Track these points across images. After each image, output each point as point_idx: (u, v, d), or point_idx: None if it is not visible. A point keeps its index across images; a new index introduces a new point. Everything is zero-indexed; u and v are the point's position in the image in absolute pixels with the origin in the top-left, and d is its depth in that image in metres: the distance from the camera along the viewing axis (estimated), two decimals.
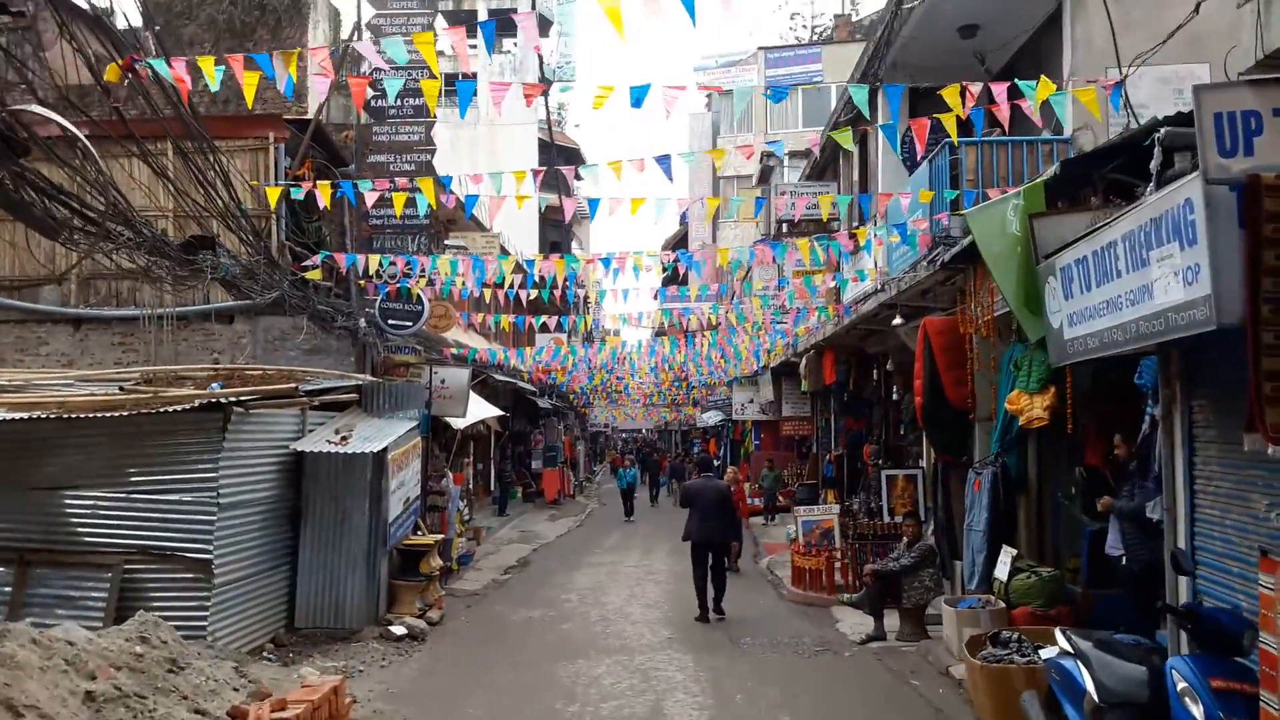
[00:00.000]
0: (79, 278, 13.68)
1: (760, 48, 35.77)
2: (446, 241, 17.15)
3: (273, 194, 9.52)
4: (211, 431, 9.41)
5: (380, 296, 13.38)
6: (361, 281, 13.42)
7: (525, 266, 13.72)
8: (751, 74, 36.06)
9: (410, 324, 13.49)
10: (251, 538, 10.07)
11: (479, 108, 40.14)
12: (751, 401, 28.22)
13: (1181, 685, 4.88)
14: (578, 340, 29.85)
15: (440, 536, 13.44)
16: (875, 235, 11.27)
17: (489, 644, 10.90)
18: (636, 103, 6.24)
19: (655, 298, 31.67)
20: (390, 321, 13.41)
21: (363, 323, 12.83)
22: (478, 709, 8.32)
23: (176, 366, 11.88)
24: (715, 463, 30.40)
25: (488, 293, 15.55)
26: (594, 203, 11.24)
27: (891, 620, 10.61)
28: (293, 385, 10.20)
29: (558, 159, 40.99)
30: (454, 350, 17.07)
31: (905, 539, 10.85)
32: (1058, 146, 10.68)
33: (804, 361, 19.55)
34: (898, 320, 12.01)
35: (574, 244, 44.34)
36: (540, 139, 39.08)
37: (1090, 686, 5.49)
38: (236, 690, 6.99)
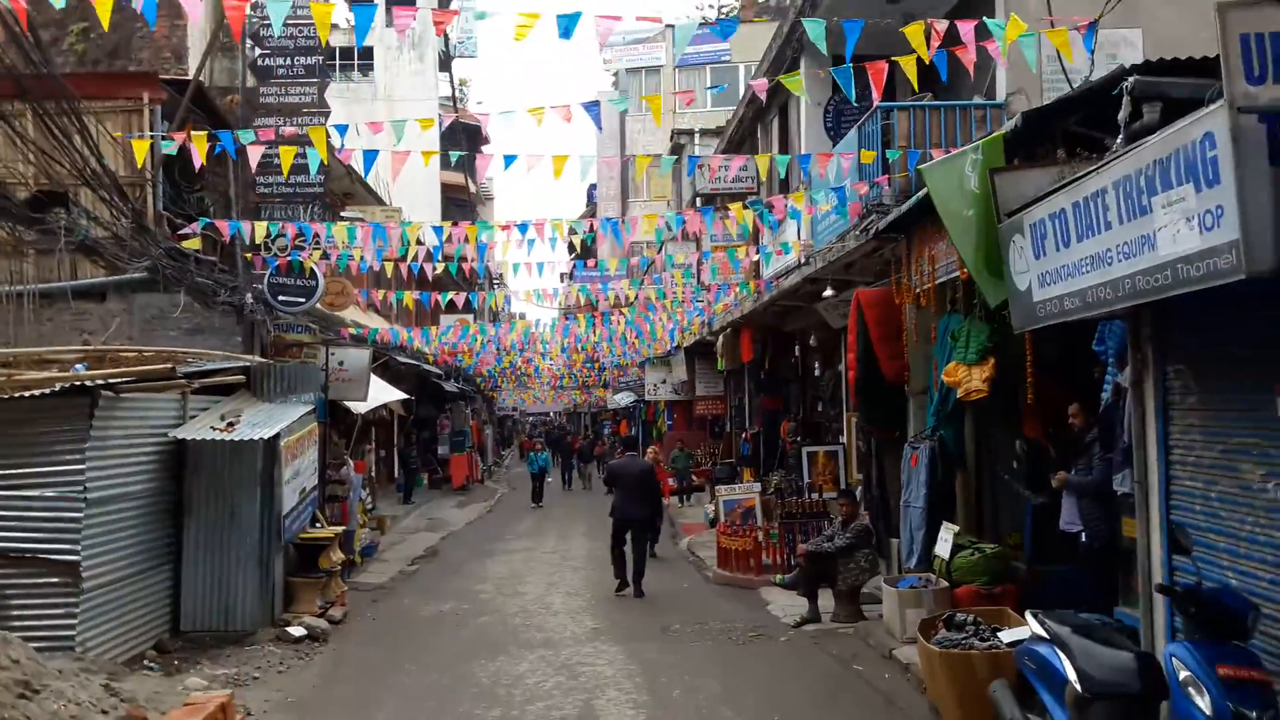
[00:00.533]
0: None
1: (667, 25, 35.12)
2: (342, 214, 15.97)
3: (140, 148, 8.39)
4: (76, 419, 8.27)
5: (270, 270, 12.24)
6: (248, 254, 12.27)
7: (434, 234, 12.79)
8: (659, 51, 35.35)
9: (303, 300, 12.40)
10: (126, 536, 8.96)
11: (375, 82, 38.66)
12: (664, 382, 27.72)
13: (1184, 674, 4.40)
14: (485, 320, 28.76)
15: (341, 528, 12.43)
16: (810, 202, 10.70)
17: (398, 643, 10.02)
18: (565, 33, 5.46)
19: (569, 275, 30.88)
20: (281, 298, 12.28)
21: (249, 299, 11.70)
22: (388, 717, 7.47)
23: (40, 349, 10.58)
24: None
25: (389, 268, 14.50)
26: (509, 159, 10.52)
27: (825, 601, 10.14)
28: (169, 366, 9.08)
29: (461, 136, 39.65)
30: (353, 331, 15.96)
31: (839, 518, 10.37)
32: (991, 111, 10.31)
33: (720, 340, 19.05)
34: (828, 292, 11.52)
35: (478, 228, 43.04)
36: (441, 114, 37.68)
37: (1072, 676, 4.99)
38: (105, 714, 6.01)
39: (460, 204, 36.43)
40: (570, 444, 30.93)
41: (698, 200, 20.81)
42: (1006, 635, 6.70)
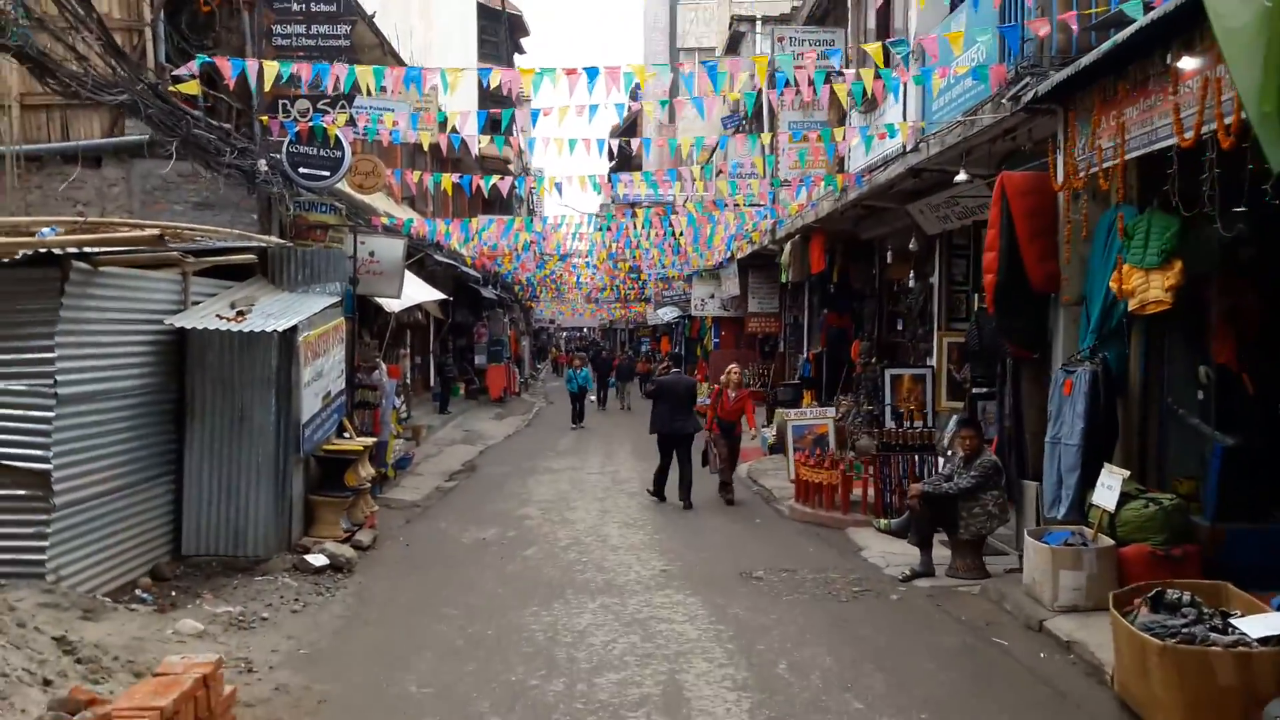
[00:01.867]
0: None
1: None
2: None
3: None
4: (43, 296, 6.58)
5: (289, 138, 10.40)
6: (264, 118, 10.42)
7: (480, 77, 10.87)
8: None
9: (328, 174, 10.57)
10: (113, 441, 7.36)
11: None
12: (713, 296, 25.82)
13: None
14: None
15: (372, 440, 10.83)
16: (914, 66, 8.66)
17: (434, 578, 8.47)
18: None
19: (606, 181, 28.77)
20: (302, 170, 10.46)
21: (263, 165, 9.88)
22: (422, 684, 5.89)
23: (19, 218, 8.88)
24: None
25: (424, 140, 12.62)
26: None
27: (938, 551, 8.44)
28: (154, 233, 7.33)
29: (502, 28, 37.12)
30: (385, 221, 14.15)
31: (960, 453, 8.58)
32: None
33: (788, 249, 17.06)
34: (961, 176, 9.50)
35: (517, 131, 40.73)
36: (480, 2, 35.13)
37: None
38: (42, 685, 4.41)
39: (498, 100, 34.18)
40: (610, 360, 28.90)
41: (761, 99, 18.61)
42: (1249, 625, 4.94)
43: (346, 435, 10.37)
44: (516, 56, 45.33)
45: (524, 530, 10.50)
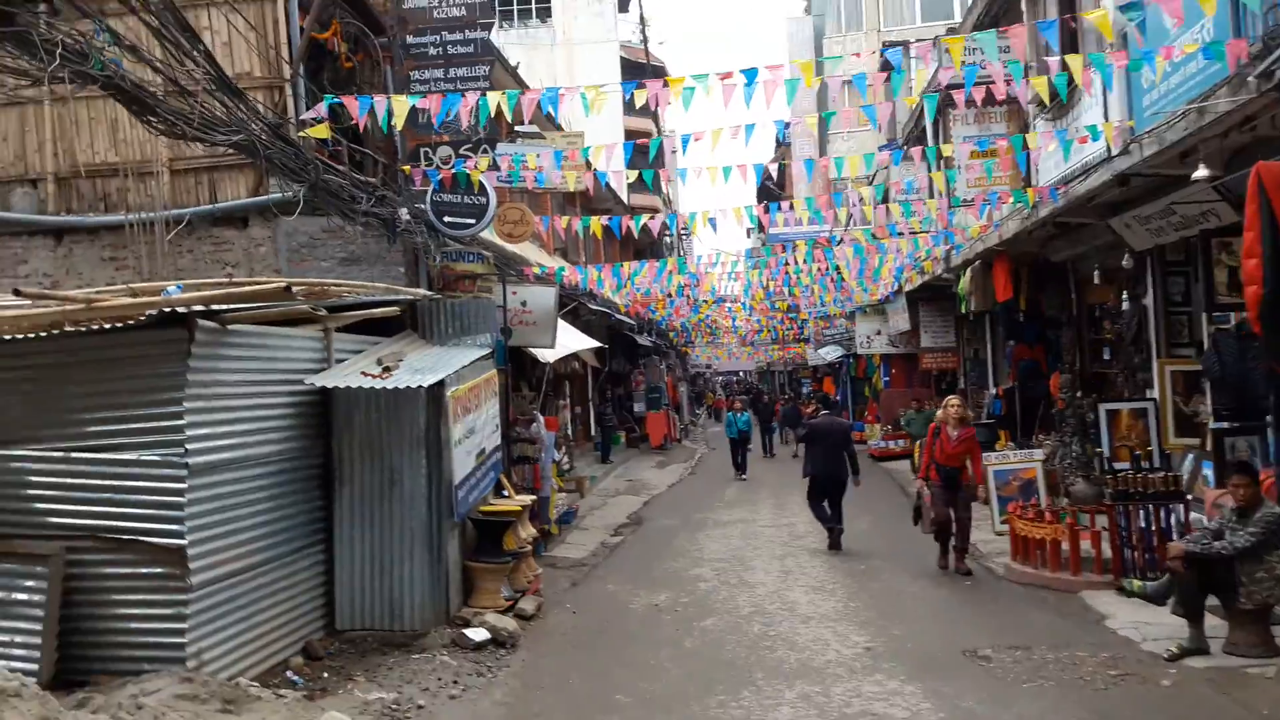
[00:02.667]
0: (56, 176, 10.47)
1: None
2: (518, 129, 13.43)
3: None
4: (171, 359, 6.00)
5: (433, 187, 9.81)
6: (406, 168, 9.88)
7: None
8: None
9: (473, 221, 9.91)
10: (254, 511, 6.71)
11: (553, 26, 36.35)
12: (879, 333, 24.18)
13: None
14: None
15: (532, 497, 10.00)
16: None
17: (604, 655, 7.43)
18: None
19: (764, 211, 27.65)
20: (447, 219, 9.84)
21: (404, 213, 9.28)
22: None
23: (152, 283, 8.54)
24: (836, 400, 26.49)
25: (570, 179, 11.98)
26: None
27: (1209, 621, 6.77)
28: (281, 286, 6.69)
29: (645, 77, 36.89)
30: (536, 270, 13.50)
31: (1231, 504, 6.90)
32: None
33: (967, 276, 15.43)
34: (1201, 173, 7.90)
35: (662, 180, 40.36)
36: (623, 57, 35.05)
37: None
38: None
39: (644, 151, 33.81)
40: (771, 405, 27.06)
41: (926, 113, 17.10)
42: None
43: (505, 494, 9.56)
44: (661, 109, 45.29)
45: (699, 595, 9.35)
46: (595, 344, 14.99)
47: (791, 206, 13.55)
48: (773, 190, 37.77)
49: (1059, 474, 12.44)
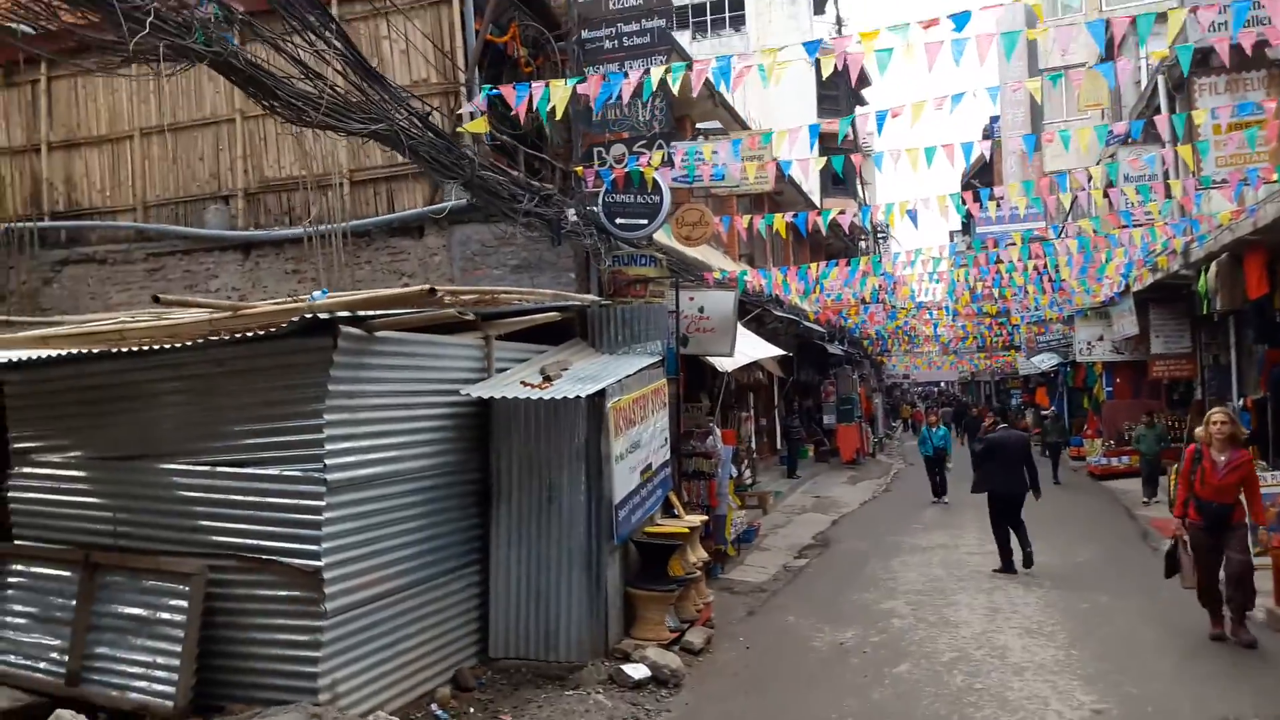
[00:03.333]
0: (246, 192, 10.67)
1: None
2: (699, 126, 12.67)
3: None
4: (314, 368, 5.63)
5: (605, 188, 9.23)
6: (578, 168, 9.34)
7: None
8: None
9: (645, 221, 9.23)
10: (401, 530, 6.26)
11: (746, 34, 35.53)
12: (1101, 339, 21.72)
13: None
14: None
15: (703, 518, 9.20)
16: None
17: (777, 703, 6.50)
18: None
19: (963, 230, 25.71)
20: (619, 220, 9.21)
21: (571, 214, 8.72)
22: None
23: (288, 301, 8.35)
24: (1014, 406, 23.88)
25: (743, 219, 11.14)
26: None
27: None
28: (423, 289, 6.19)
29: (842, 81, 35.41)
30: (718, 275, 12.70)
31: None
32: None
33: (1211, 271, 13.32)
34: None
35: (858, 185, 38.59)
36: (819, 59, 33.70)
37: None
38: None
39: (836, 154, 32.36)
40: (979, 419, 24.10)
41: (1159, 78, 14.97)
42: None
43: (675, 514, 8.81)
44: (858, 108, 43.49)
45: (891, 634, 8.22)
46: (779, 352, 14.02)
47: (997, 201, 12.15)
48: (978, 189, 35.35)
49: None
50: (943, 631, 8.21)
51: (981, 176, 35.66)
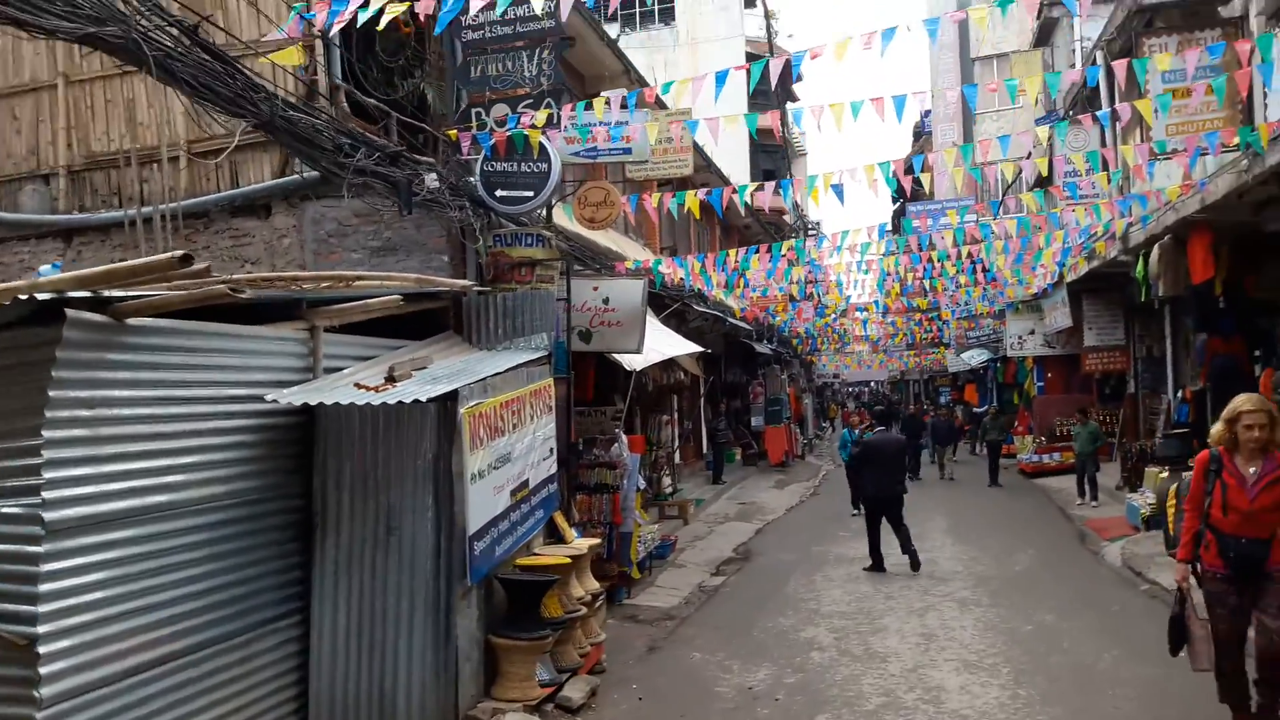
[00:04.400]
0: (69, 169, 9.03)
1: None
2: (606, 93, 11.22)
3: None
4: (32, 368, 4.15)
5: (484, 155, 7.83)
6: (452, 132, 7.93)
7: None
8: None
9: (531, 194, 7.86)
10: (179, 580, 4.76)
11: (676, 27, 34.32)
12: (1033, 332, 21.01)
13: None
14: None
15: (594, 541, 7.85)
16: None
17: None
18: None
19: (893, 227, 24.85)
20: (500, 193, 7.83)
21: (431, 180, 7.29)
22: None
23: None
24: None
25: (653, 199, 9.85)
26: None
27: None
28: (171, 256, 4.63)
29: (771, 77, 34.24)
30: (630, 265, 11.38)
31: None
32: None
33: (1154, 255, 12.40)
34: None
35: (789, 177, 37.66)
36: (749, 53, 32.67)
37: None
38: None
39: (770, 151, 31.37)
40: (917, 418, 22.12)
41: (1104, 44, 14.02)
42: None
43: (561, 538, 7.45)
44: (789, 104, 42.56)
45: (810, 672, 6.95)
46: (696, 349, 12.75)
47: (927, 192, 11.11)
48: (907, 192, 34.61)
49: None
50: (869, 667, 6.97)
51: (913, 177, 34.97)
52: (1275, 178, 9.48)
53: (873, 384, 57.14)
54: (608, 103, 7.60)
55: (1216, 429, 5.25)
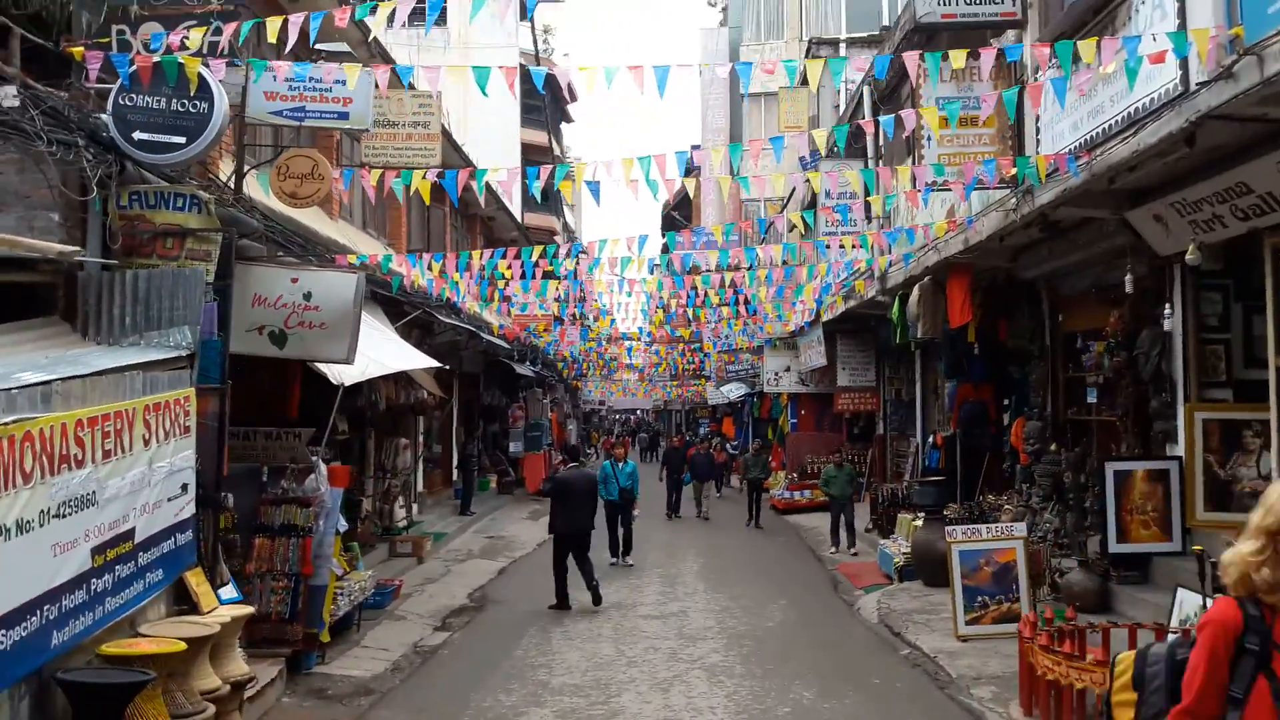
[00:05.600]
0: None
1: None
2: (320, 47, 9.09)
3: None
4: None
5: (119, 84, 5.64)
6: (77, 50, 5.68)
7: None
8: None
9: (184, 140, 5.75)
10: None
11: (448, 30, 32.26)
12: (788, 369, 20.62)
13: None
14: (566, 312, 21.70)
15: (239, 611, 5.75)
16: None
17: None
18: None
19: (662, 252, 24.00)
20: (139, 135, 5.66)
21: (7, 94, 5.03)
22: None
23: None
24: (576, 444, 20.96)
25: (371, 175, 7.95)
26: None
27: None
28: None
29: (545, 91, 32.92)
30: (354, 260, 9.27)
31: None
32: None
33: (914, 296, 11.87)
34: None
35: (563, 205, 36.45)
36: (523, 64, 31.18)
37: None
38: None
39: (542, 161, 29.88)
40: (683, 451, 20.30)
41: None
42: None
43: (192, 609, 5.33)
44: (564, 125, 41.46)
45: None
46: (431, 363, 10.79)
47: (692, 237, 10.00)
48: (678, 220, 34.28)
49: (1042, 555, 8.84)
50: None
51: (681, 208, 34.77)
52: (1041, 218, 9.01)
53: (639, 412, 56.96)
54: (318, 53, 5.68)
55: (1240, 554, 2.46)
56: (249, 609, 5.77)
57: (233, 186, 7.76)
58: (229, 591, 5.93)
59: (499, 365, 20.19)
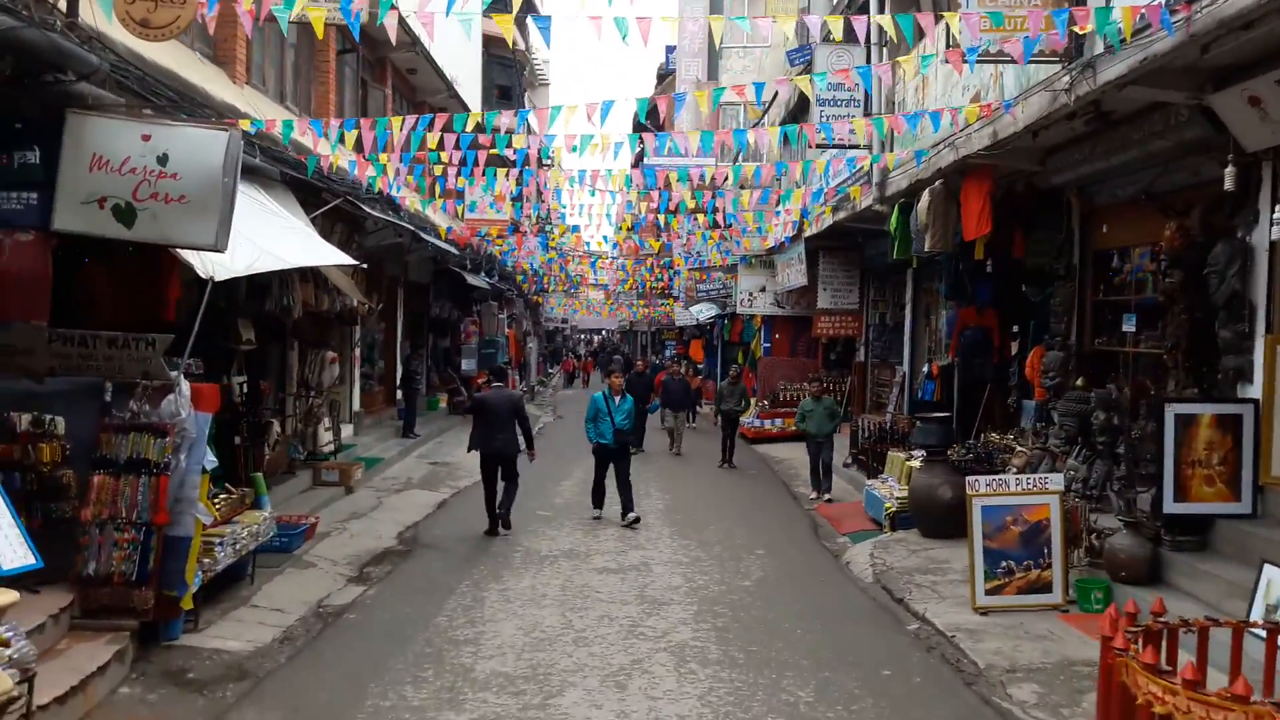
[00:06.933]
0: None
1: None
2: None
3: None
4: None
5: None
6: None
7: None
8: None
9: None
10: None
11: None
12: (764, 290, 18.82)
13: None
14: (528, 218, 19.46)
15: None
16: None
17: None
18: None
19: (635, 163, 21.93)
20: None
21: None
22: None
23: None
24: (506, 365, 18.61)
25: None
26: None
27: None
28: None
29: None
30: (248, 125, 7.11)
31: None
32: None
33: (924, 203, 10.00)
34: None
35: (527, 104, 33.69)
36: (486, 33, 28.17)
37: None
38: None
39: (505, 65, 27.23)
40: (650, 377, 17.53)
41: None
42: None
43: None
44: (529, 16, 38.32)
45: None
46: (346, 260, 8.69)
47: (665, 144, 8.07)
48: (650, 129, 31.87)
49: (1079, 514, 7.24)
50: None
51: (654, 116, 32.30)
52: (1093, 107, 7.18)
53: (604, 332, 54.96)
54: None
55: None
56: (11, 596, 3.91)
57: (63, 9, 5.71)
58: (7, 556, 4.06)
59: (450, 275, 18.12)
